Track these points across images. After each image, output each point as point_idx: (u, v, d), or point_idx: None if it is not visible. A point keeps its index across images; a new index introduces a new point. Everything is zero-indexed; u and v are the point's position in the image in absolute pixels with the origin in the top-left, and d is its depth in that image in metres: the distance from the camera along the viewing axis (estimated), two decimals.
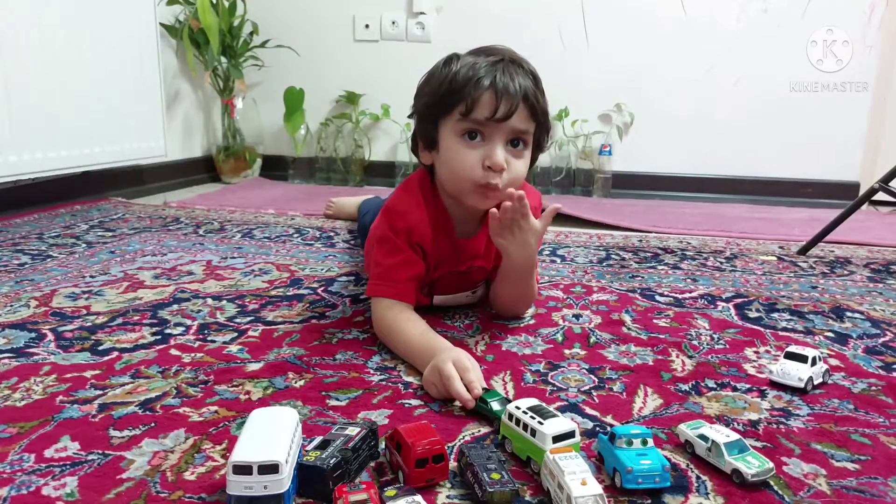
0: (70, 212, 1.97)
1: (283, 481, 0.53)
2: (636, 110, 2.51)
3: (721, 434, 0.63)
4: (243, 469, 0.52)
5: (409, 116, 1.01)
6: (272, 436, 0.57)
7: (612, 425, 0.71)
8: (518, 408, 0.65)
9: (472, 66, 0.90)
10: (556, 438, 0.60)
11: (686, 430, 0.66)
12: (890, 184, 1.46)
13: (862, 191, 2.39)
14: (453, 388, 0.74)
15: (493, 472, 0.57)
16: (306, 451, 0.60)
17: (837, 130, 2.39)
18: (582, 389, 0.80)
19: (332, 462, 0.58)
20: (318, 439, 0.62)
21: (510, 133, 0.91)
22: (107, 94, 2.10)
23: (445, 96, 0.91)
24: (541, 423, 0.62)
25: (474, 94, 0.88)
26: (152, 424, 0.71)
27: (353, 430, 0.63)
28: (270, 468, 0.53)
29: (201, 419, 0.72)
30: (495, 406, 0.70)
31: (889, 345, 0.97)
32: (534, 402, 0.67)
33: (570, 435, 0.62)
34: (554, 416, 0.63)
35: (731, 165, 2.50)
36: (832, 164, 2.41)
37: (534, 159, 0.98)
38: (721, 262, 1.49)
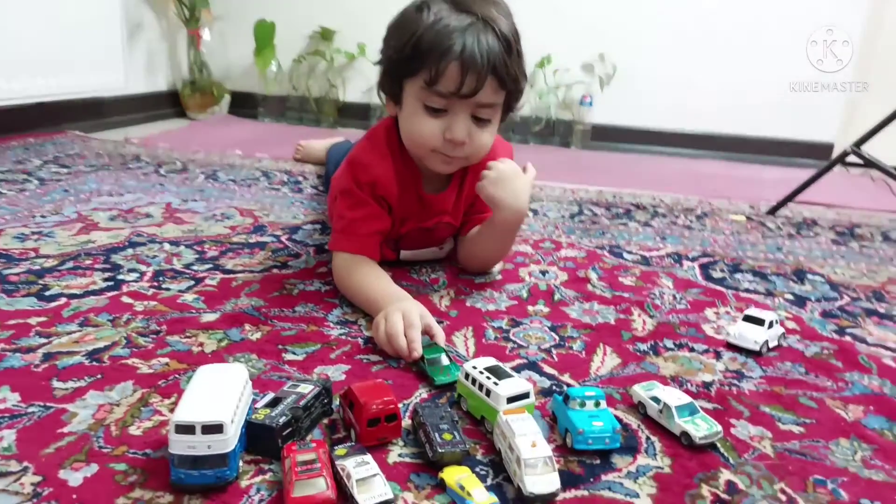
0: (23, 144, 1.88)
1: (227, 441, 0.52)
2: (619, 61, 2.45)
3: (673, 396, 0.63)
4: (186, 428, 0.51)
5: (375, 64, 0.96)
6: (219, 394, 0.55)
7: (568, 384, 0.72)
8: (475, 367, 0.65)
9: (443, 28, 0.83)
10: (511, 399, 0.60)
11: (640, 391, 0.67)
12: (862, 147, 1.46)
13: (836, 152, 2.40)
14: (396, 344, 0.73)
15: (445, 432, 0.56)
16: (256, 408, 0.59)
17: (816, 90, 2.36)
18: (542, 347, 0.80)
19: (281, 421, 0.56)
20: (269, 396, 0.61)
21: (475, 107, 0.87)
22: (63, 21, 1.97)
23: (411, 59, 0.85)
24: (496, 383, 0.61)
25: (440, 65, 0.82)
26: (98, 376, 0.69)
27: (305, 388, 0.62)
28: (214, 428, 0.51)
29: (150, 371, 0.71)
30: (433, 366, 0.71)
31: (845, 308, 0.98)
32: (491, 361, 0.66)
33: (525, 396, 0.62)
34: (509, 376, 0.63)
35: (711, 121, 2.48)
36: (809, 123, 2.41)
37: (503, 119, 0.94)
38: (691, 221, 1.49)
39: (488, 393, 0.61)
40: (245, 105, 2.75)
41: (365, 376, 0.71)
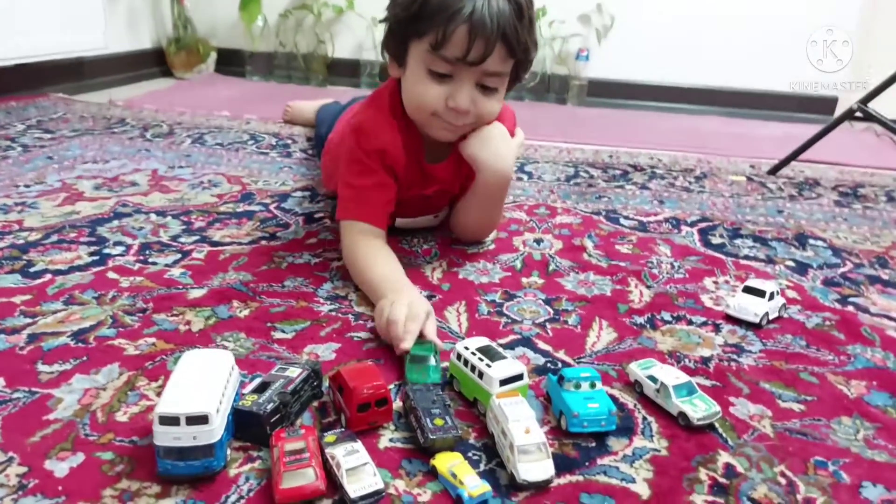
0: (4, 108, 1.81)
1: (213, 432, 0.50)
2: (617, 12, 2.37)
3: (670, 375, 0.62)
4: (170, 420, 0.49)
5: (381, 22, 0.91)
6: (204, 382, 0.53)
7: (563, 361, 0.70)
8: (467, 348, 0.63)
9: None
10: (504, 382, 0.59)
11: (636, 369, 0.65)
12: (869, 103, 1.41)
13: (839, 105, 2.35)
14: (393, 332, 0.69)
15: (437, 417, 0.55)
16: (244, 394, 0.58)
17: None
18: (536, 322, 0.78)
19: (269, 407, 0.55)
20: (257, 381, 0.59)
21: (482, 75, 0.82)
22: None
23: (417, 20, 0.80)
24: (489, 365, 0.60)
25: (448, 29, 0.77)
26: (84, 358, 0.67)
27: (293, 372, 0.60)
28: (199, 419, 0.50)
29: (137, 352, 0.69)
30: (413, 363, 0.66)
31: (847, 276, 0.97)
32: (484, 342, 0.64)
33: (518, 378, 0.60)
34: (502, 358, 0.61)
35: (711, 75, 2.41)
36: (812, 77, 2.33)
37: (510, 88, 0.90)
38: (690, 182, 1.45)
39: (481, 375, 0.60)
40: (232, 63, 2.66)
41: (356, 355, 0.70)
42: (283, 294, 0.83)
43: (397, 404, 0.61)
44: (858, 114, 1.43)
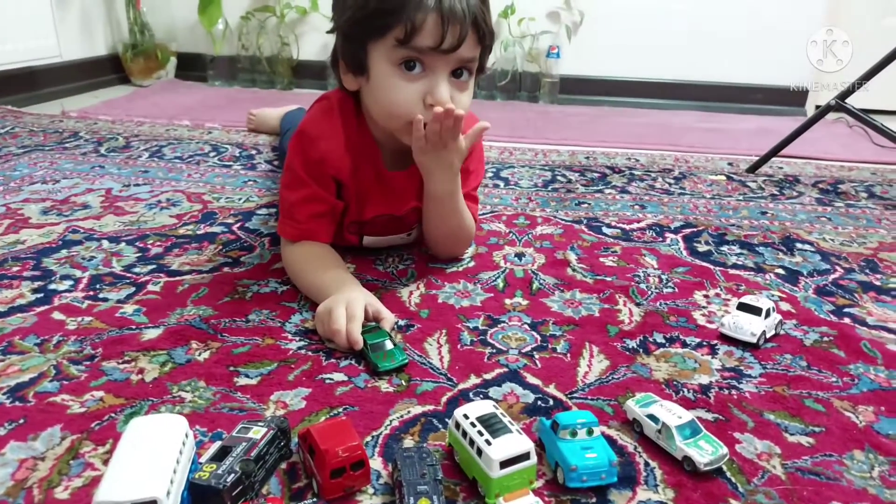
0: None
1: None
2: (586, 7, 2.32)
3: (672, 415, 0.57)
4: None
5: (329, 32, 0.84)
6: (152, 458, 0.47)
7: (555, 397, 0.65)
8: (466, 416, 0.54)
9: None
10: (506, 463, 0.50)
11: (635, 407, 0.60)
12: (846, 100, 1.39)
13: (810, 97, 2.34)
14: (338, 341, 0.71)
15: (423, 496, 0.48)
16: (201, 462, 0.51)
17: (789, 34, 2.28)
18: (523, 351, 0.73)
19: (229, 479, 0.49)
20: (216, 446, 0.53)
21: (456, 63, 0.77)
22: None
23: (377, 16, 0.74)
24: (488, 442, 0.51)
25: (415, 18, 0.72)
26: (21, 421, 0.60)
27: (257, 433, 0.54)
28: None
29: (82, 410, 0.62)
30: (376, 352, 0.69)
31: (839, 283, 0.93)
32: (487, 408, 0.56)
33: (524, 457, 0.51)
34: (507, 431, 0.52)
35: (682, 69, 2.39)
36: (783, 69, 2.32)
37: (477, 80, 0.84)
38: (670, 183, 1.41)
39: (480, 452, 0.52)
40: (193, 68, 2.56)
41: (328, 402, 0.64)
42: (248, 331, 0.76)
43: (376, 461, 0.55)
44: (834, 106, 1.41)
